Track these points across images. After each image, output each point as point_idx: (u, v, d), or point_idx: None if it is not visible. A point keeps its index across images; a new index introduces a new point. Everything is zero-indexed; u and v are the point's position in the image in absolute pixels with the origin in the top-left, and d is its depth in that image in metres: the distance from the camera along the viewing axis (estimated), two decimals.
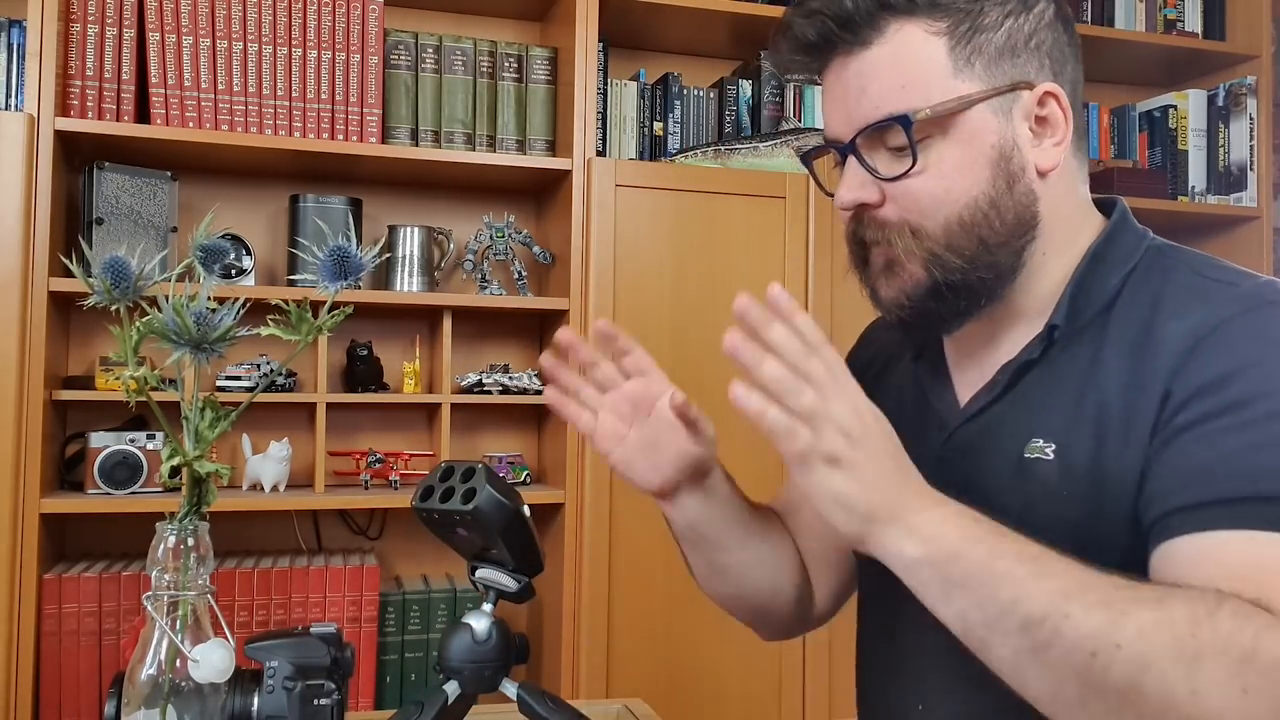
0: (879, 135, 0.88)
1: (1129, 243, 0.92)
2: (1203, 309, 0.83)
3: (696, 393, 2.15)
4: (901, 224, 0.89)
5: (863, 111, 0.88)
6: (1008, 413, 0.92)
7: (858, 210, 0.91)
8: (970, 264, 0.88)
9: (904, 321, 0.92)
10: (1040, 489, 0.86)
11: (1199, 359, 0.80)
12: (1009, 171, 0.89)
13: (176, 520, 0.84)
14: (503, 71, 2.23)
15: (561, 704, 0.84)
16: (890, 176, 0.88)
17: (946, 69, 0.87)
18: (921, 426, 0.99)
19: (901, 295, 0.90)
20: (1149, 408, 0.82)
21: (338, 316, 0.86)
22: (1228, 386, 0.78)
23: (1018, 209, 0.89)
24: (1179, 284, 0.87)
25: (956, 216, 0.88)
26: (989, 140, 0.88)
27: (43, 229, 1.87)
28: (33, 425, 1.85)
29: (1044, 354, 0.90)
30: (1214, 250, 2.78)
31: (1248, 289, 0.83)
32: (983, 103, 0.88)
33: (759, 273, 2.18)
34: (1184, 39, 2.68)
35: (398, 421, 2.32)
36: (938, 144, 0.87)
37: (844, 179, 0.91)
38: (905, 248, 0.89)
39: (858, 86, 0.89)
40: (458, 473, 0.82)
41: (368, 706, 2.05)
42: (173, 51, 2.00)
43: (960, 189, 0.88)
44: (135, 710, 0.83)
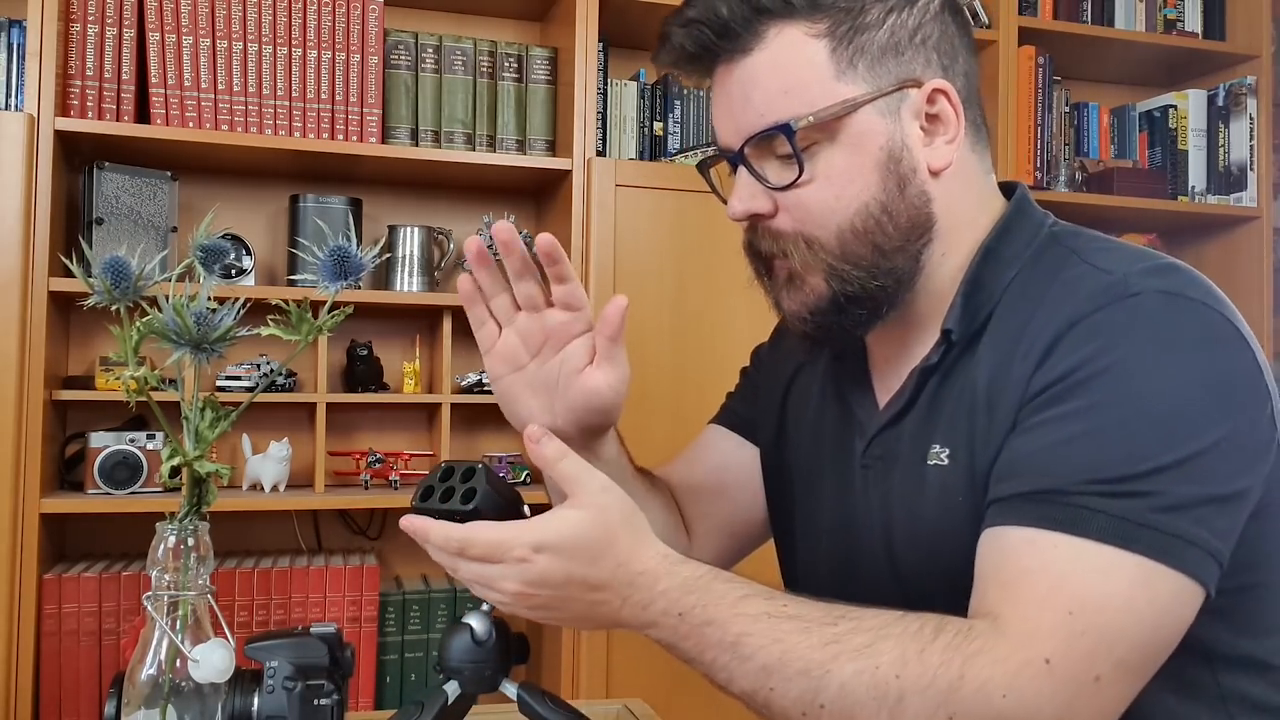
0: (767, 144, 0.86)
1: (1024, 234, 0.90)
2: (1068, 305, 0.81)
3: (696, 392, 2.17)
4: (795, 235, 0.87)
5: (748, 120, 0.86)
6: (915, 421, 0.90)
7: (752, 220, 0.90)
8: (868, 273, 0.86)
9: (807, 335, 0.92)
10: (944, 496, 0.85)
11: (1054, 355, 0.79)
12: (899, 174, 0.86)
13: (176, 520, 0.84)
14: (503, 71, 2.23)
15: (562, 704, 0.84)
16: (779, 186, 0.87)
17: (829, 72, 0.85)
18: (844, 432, 0.99)
19: (803, 309, 0.90)
20: (1010, 407, 0.81)
21: (338, 316, 0.86)
22: (1066, 379, 0.78)
23: (911, 212, 0.87)
24: (1066, 277, 0.84)
25: (849, 224, 0.85)
26: (877, 143, 0.85)
27: (43, 229, 1.87)
28: (33, 425, 1.85)
29: (943, 359, 0.88)
30: (1214, 250, 2.80)
31: (1115, 279, 0.80)
32: (868, 105, 0.85)
33: None
34: (1184, 39, 2.68)
35: (398, 421, 2.32)
36: (825, 150, 0.85)
37: (735, 189, 0.89)
38: (802, 260, 0.87)
39: (741, 95, 0.87)
40: (457, 473, 0.82)
41: (368, 706, 2.05)
42: (173, 51, 2.00)
43: (850, 195, 0.85)
44: (135, 710, 0.83)
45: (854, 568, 0.95)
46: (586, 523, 0.76)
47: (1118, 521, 0.72)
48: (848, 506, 0.96)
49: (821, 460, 1.01)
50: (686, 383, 2.13)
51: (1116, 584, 0.71)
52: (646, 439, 2.09)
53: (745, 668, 0.75)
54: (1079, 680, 0.70)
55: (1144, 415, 0.75)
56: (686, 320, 2.15)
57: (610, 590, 0.77)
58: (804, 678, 0.72)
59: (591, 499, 0.77)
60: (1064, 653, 0.70)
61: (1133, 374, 0.76)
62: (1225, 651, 0.82)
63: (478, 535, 0.76)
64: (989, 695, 0.69)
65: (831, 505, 0.99)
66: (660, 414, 2.11)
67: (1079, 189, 2.62)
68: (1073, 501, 0.74)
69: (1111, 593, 0.71)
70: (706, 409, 1.25)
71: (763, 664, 0.74)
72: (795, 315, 0.91)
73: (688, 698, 2.05)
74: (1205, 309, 0.79)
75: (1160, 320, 0.78)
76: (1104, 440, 0.75)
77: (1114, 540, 0.72)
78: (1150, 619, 0.72)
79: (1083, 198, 2.55)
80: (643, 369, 2.12)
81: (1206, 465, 0.74)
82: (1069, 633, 0.70)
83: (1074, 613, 0.71)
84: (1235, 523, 0.76)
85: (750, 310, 2.15)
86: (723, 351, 2.15)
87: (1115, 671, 0.71)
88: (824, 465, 1.01)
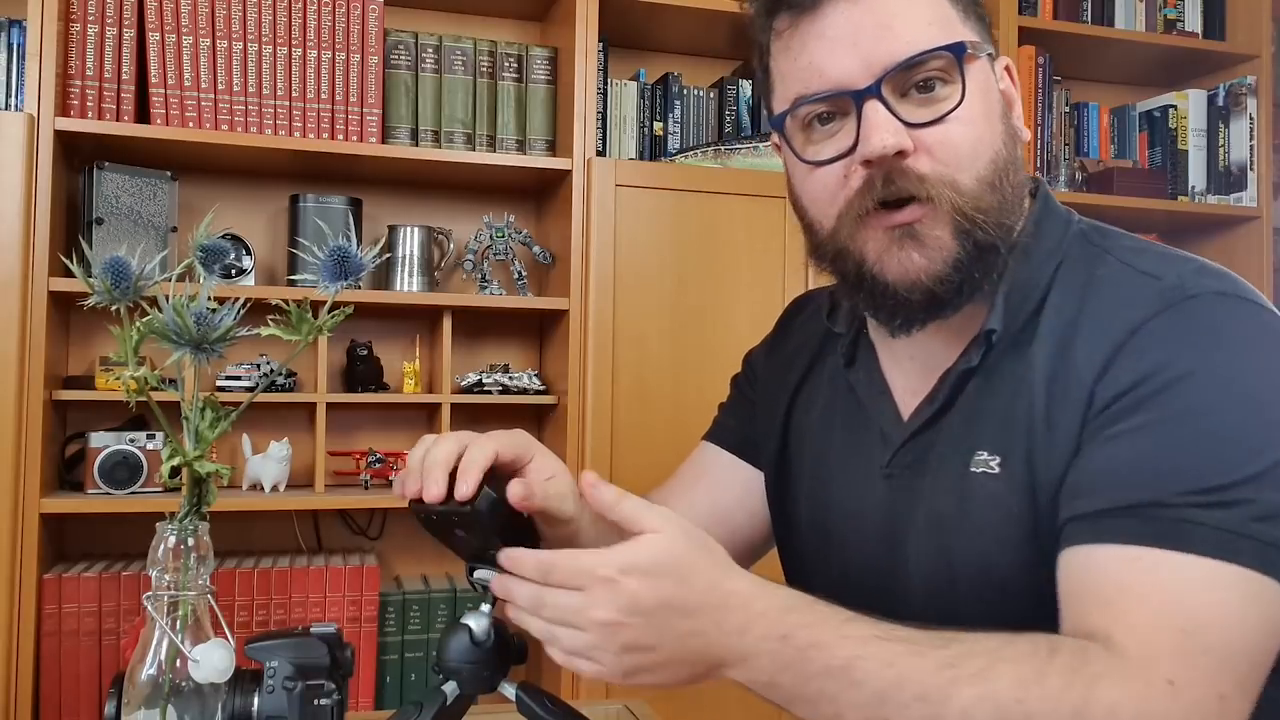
0: (905, 78, 0.81)
1: (1055, 231, 0.88)
2: (1125, 310, 0.79)
3: (696, 392, 2.17)
4: (937, 179, 0.80)
5: (888, 49, 0.80)
6: (951, 425, 0.87)
7: (881, 165, 0.81)
8: (996, 224, 0.82)
9: (907, 303, 0.83)
10: (990, 505, 0.82)
11: (1117, 364, 0.77)
12: (1011, 130, 0.85)
13: (176, 520, 0.84)
14: (503, 71, 2.23)
15: (560, 704, 0.84)
16: (924, 121, 0.80)
17: (955, 15, 0.83)
18: (860, 439, 0.95)
19: (921, 271, 0.81)
20: (1073, 417, 0.78)
21: (338, 316, 0.86)
22: (1137, 390, 0.75)
23: (1019, 172, 0.85)
24: (1106, 277, 0.83)
25: (985, 171, 0.82)
26: (995, 94, 0.84)
27: (43, 229, 1.87)
28: (33, 425, 1.85)
29: (983, 360, 0.85)
30: (1214, 250, 2.80)
31: (1170, 282, 0.79)
32: (986, 55, 0.84)
33: (759, 273, 2.18)
34: (1184, 39, 2.68)
35: (398, 421, 2.32)
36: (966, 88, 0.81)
37: (875, 124, 0.80)
38: (950, 203, 0.80)
39: (876, 24, 0.80)
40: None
41: (368, 706, 2.05)
42: (173, 51, 2.00)
43: (986, 141, 0.82)
44: (135, 710, 0.83)
45: (878, 578, 0.92)
46: (669, 542, 0.72)
47: (1220, 533, 0.70)
48: (868, 516, 0.92)
49: (831, 470, 0.97)
50: (686, 383, 2.13)
51: (1228, 599, 0.70)
52: (646, 439, 2.10)
53: (857, 695, 0.69)
54: (1204, 701, 0.68)
55: (1227, 422, 0.73)
56: (686, 320, 2.15)
57: (704, 615, 0.71)
58: (922, 704, 0.68)
59: (664, 523, 0.73)
60: (1186, 674, 0.68)
61: (1207, 381, 0.74)
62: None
63: (560, 558, 0.72)
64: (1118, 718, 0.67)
65: (848, 515, 0.95)
66: (660, 414, 2.11)
67: (1079, 189, 2.62)
68: (1170, 515, 0.71)
69: (1225, 609, 0.69)
70: (706, 409, 1.25)
71: (876, 690, 0.69)
72: (913, 277, 0.82)
73: (688, 698, 2.04)
74: (1262, 310, 0.79)
75: (1223, 324, 0.77)
76: (1192, 450, 0.73)
77: (1218, 553, 0.70)
78: (1263, 633, 0.70)
79: (1083, 198, 2.55)
80: (643, 369, 2.12)
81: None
82: (1188, 652, 0.68)
83: (1189, 632, 0.69)
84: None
85: (750, 310, 2.17)
86: (723, 351, 2.15)
87: (1237, 689, 0.69)
88: (835, 474, 0.97)
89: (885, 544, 0.91)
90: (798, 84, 0.84)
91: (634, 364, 2.11)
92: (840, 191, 0.84)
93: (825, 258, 0.88)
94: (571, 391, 2.10)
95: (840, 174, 0.83)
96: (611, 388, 2.09)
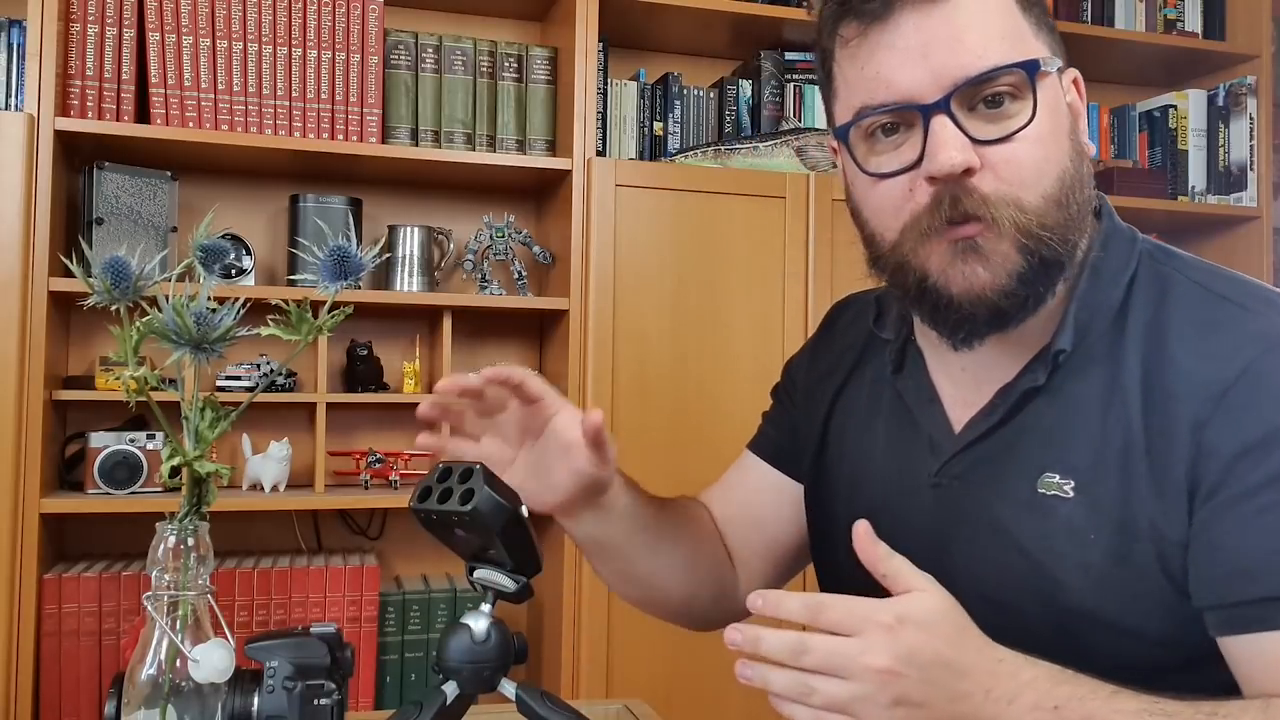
0: (975, 92, 0.79)
1: (1122, 250, 0.87)
2: (1221, 344, 0.77)
3: (696, 392, 2.16)
4: (999, 198, 0.79)
5: (959, 63, 0.78)
6: (1015, 442, 0.85)
7: (947, 182, 0.79)
8: (1061, 240, 0.80)
9: (971, 316, 0.82)
10: (1062, 528, 0.81)
11: (1232, 414, 0.75)
12: (1079, 147, 0.83)
13: (176, 520, 0.84)
14: (503, 71, 2.23)
15: (560, 704, 0.84)
16: (991, 139, 0.78)
17: (1027, 28, 0.81)
18: (907, 447, 0.94)
19: (985, 285, 0.80)
20: (1180, 458, 0.77)
21: (338, 316, 0.86)
22: (1272, 452, 0.74)
23: (1087, 189, 0.83)
24: (1184, 300, 0.82)
25: (1051, 190, 0.80)
26: (1063, 111, 0.83)
27: (43, 229, 1.87)
28: (33, 425, 1.85)
29: (1049, 379, 0.84)
30: (1214, 250, 2.80)
31: (1261, 324, 0.78)
32: (1059, 71, 0.83)
33: (759, 273, 2.18)
34: (1184, 39, 2.68)
35: (398, 421, 2.32)
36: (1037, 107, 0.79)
37: (943, 140, 0.78)
38: (1013, 222, 0.78)
39: (948, 36, 0.79)
40: (455, 473, 0.82)
41: (368, 706, 2.05)
42: (173, 51, 2.00)
43: (1054, 159, 0.81)
44: (135, 710, 0.83)
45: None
46: (942, 601, 0.71)
47: None
48: (913, 524, 0.91)
49: (873, 476, 0.97)
50: (686, 382, 2.12)
51: None
52: (647, 439, 2.10)
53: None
54: None
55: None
56: (686, 320, 2.15)
57: (974, 679, 0.69)
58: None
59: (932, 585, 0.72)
60: None
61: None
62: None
63: (833, 599, 0.70)
64: None
65: (890, 522, 0.92)
66: (660, 414, 2.11)
67: None
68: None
69: None
70: (706, 408, 1.25)
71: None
72: (977, 291, 0.80)
73: (688, 698, 2.05)
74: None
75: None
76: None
77: None
78: None
79: None
80: (643, 369, 2.12)
81: None
82: None
83: None
84: None
85: (750, 310, 2.17)
86: (723, 351, 2.15)
87: None
88: (876, 481, 0.96)
89: (930, 553, 0.89)
90: (863, 93, 0.83)
91: (634, 364, 2.11)
92: (905, 205, 0.82)
93: (885, 269, 0.86)
94: (571, 391, 2.10)
95: (905, 187, 0.82)
96: (611, 388, 2.09)
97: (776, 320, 2.17)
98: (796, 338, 2.13)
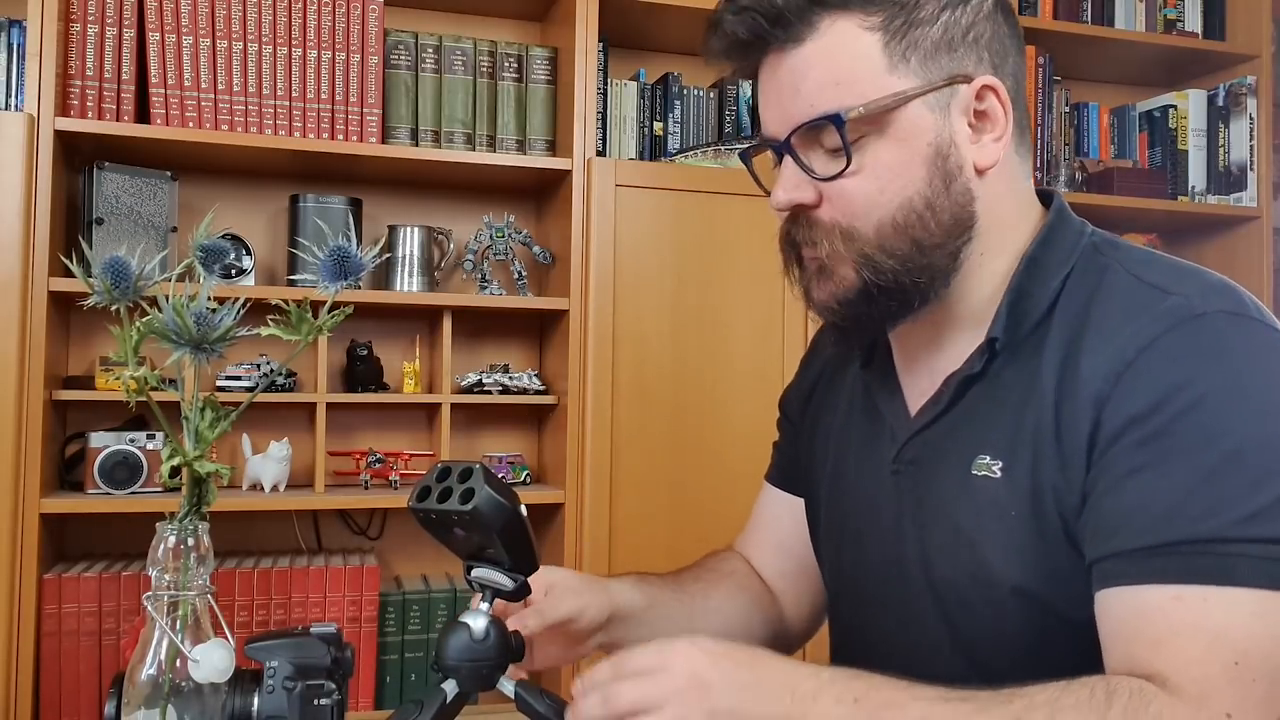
0: (814, 134, 0.86)
1: (1066, 243, 0.89)
2: (1131, 324, 0.80)
3: (696, 392, 2.16)
4: (833, 226, 0.87)
5: (797, 110, 0.86)
6: (955, 427, 0.89)
7: (793, 211, 0.89)
8: (903, 265, 0.86)
9: (835, 325, 0.92)
10: (990, 507, 0.85)
11: (1126, 385, 0.78)
12: (946, 170, 0.85)
13: (176, 520, 0.84)
14: (503, 71, 2.23)
15: (559, 701, 0.84)
16: (824, 177, 0.86)
17: (881, 65, 0.84)
18: (872, 435, 0.98)
19: (832, 299, 0.89)
20: (1081, 431, 0.80)
21: (338, 316, 0.86)
22: (1155, 417, 0.76)
23: (954, 209, 0.86)
24: (1113, 289, 0.84)
25: (890, 218, 0.85)
26: (925, 139, 0.85)
27: (43, 229, 1.87)
28: (33, 425, 1.85)
29: (986, 367, 0.88)
30: (1214, 250, 2.80)
31: (1175, 301, 0.80)
32: (918, 99, 0.84)
33: (759, 272, 2.18)
34: (1184, 39, 2.68)
35: (398, 421, 2.32)
36: (873, 143, 0.84)
37: (780, 179, 0.89)
38: (832, 250, 0.87)
39: (790, 84, 0.86)
40: (455, 473, 0.82)
41: (368, 706, 2.05)
42: (173, 51, 2.00)
43: (895, 189, 0.85)
44: (135, 710, 0.83)
45: (885, 570, 0.95)
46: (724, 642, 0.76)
47: (1262, 563, 0.71)
48: (878, 511, 0.96)
49: (849, 467, 1.01)
50: (686, 383, 2.12)
51: (1274, 627, 0.71)
52: (647, 439, 2.11)
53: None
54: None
55: (1248, 445, 0.74)
56: (686, 320, 2.15)
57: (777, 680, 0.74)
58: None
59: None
60: (1241, 704, 0.70)
61: (1221, 403, 0.75)
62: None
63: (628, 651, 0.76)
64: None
65: (860, 509, 0.98)
66: (660, 414, 2.11)
67: (1079, 189, 2.62)
68: (1212, 550, 0.72)
69: (1272, 636, 0.71)
70: (706, 409, 1.25)
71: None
72: (824, 304, 0.90)
73: None
74: (1268, 328, 0.80)
75: (1230, 343, 0.78)
76: (1220, 479, 0.74)
77: (1263, 583, 0.71)
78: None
79: (1083, 198, 2.55)
80: (642, 369, 2.12)
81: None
82: (1241, 683, 0.70)
83: (1240, 662, 0.70)
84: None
85: (750, 310, 2.17)
86: (723, 351, 2.15)
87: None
88: (851, 471, 1.00)
89: (892, 537, 0.94)
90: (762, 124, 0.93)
91: (634, 364, 2.11)
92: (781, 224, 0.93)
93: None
94: (571, 391, 2.10)
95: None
96: (611, 388, 2.09)
97: (776, 320, 2.17)
98: (796, 338, 2.13)
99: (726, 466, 2.10)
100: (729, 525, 1.26)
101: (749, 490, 1.22)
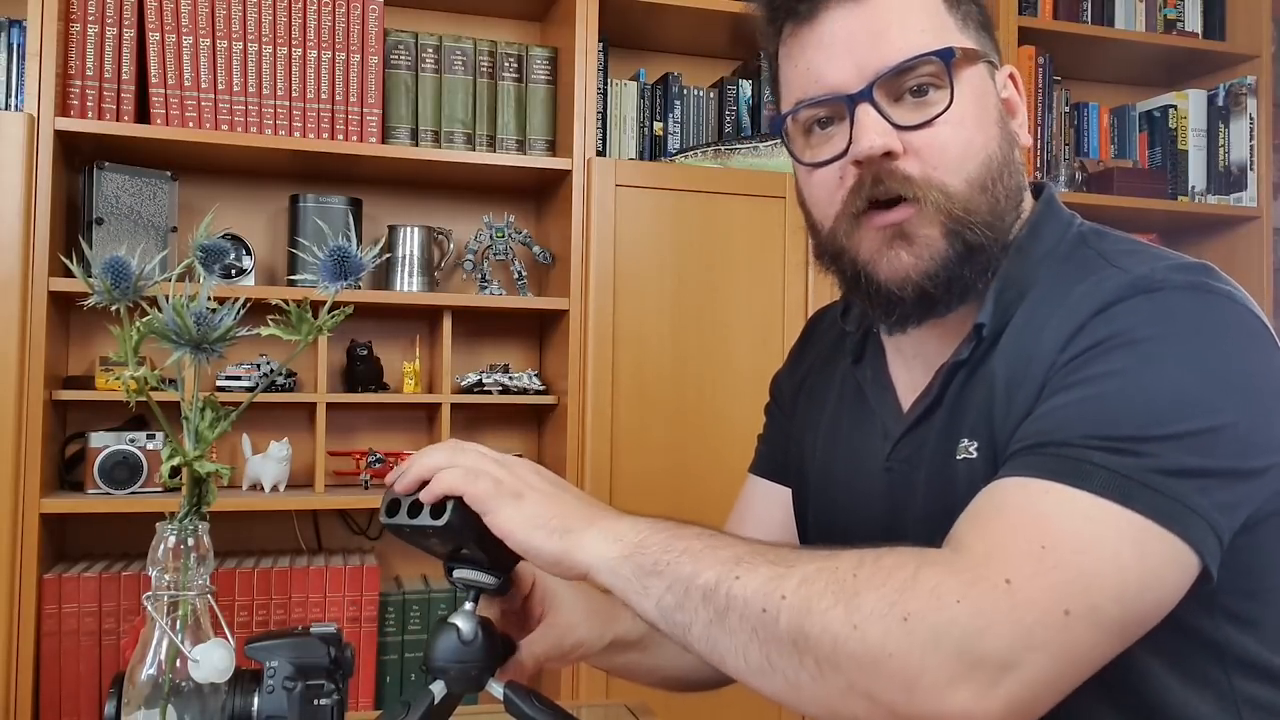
0: (895, 82, 0.84)
1: (1052, 233, 0.89)
2: (1089, 296, 0.79)
3: (695, 392, 2.16)
4: (926, 179, 0.83)
5: (881, 55, 0.84)
6: (944, 417, 0.89)
7: (870, 165, 0.84)
8: (987, 228, 0.84)
9: (900, 301, 0.86)
10: (971, 490, 0.82)
11: (1075, 342, 0.78)
12: (1008, 134, 0.87)
13: (176, 520, 0.84)
14: (503, 71, 2.23)
15: (549, 703, 0.83)
16: (914, 124, 0.83)
17: (952, 24, 0.86)
18: (865, 434, 0.97)
19: (917, 265, 0.84)
20: (1031, 390, 0.80)
21: (338, 316, 0.86)
22: (1090, 351, 0.77)
23: (1016, 176, 0.87)
24: (1082, 269, 0.84)
25: (976, 174, 0.84)
26: (993, 100, 0.87)
27: (43, 229, 1.87)
28: (33, 425, 1.85)
29: (972, 354, 0.87)
30: (1214, 250, 2.80)
31: (1138, 274, 0.79)
32: (985, 63, 0.87)
33: (759, 272, 2.18)
34: (1184, 39, 2.68)
35: (398, 421, 2.32)
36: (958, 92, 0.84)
37: (863, 127, 0.83)
38: (936, 204, 0.83)
39: (870, 32, 0.84)
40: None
41: (368, 706, 2.05)
42: (173, 51, 2.00)
43: (980, 143, 0.85)
44: (135, 710, 0.83)
45: None
46: None
47: (1117, 478, 0.70)
48: (873, 510, 0.94)
49: (838, 466, 1.00)
50: (686, 383, 2.12)
51: (1103, 532, 0.69)
52: (646, 439, 2.11)
53: (716, 555, 0.73)
54: (1042, 608, 0.66)
55: (1163, 383, 0.73)
56: (686, 320, 2.15)
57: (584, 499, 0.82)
58: (770, 567, 0.71)
59: None
60: (1028, 579, 0.67)
61: (1156, 346, 0.75)
62: (1239, 655, 0.80)
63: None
64: (942, 598, 0.66)
65: (853, 508, 0.97)
66: (660, 414, 2.11)
67: (1079, 189, 2.62)
68: (1072, 454, 0.72)
69: (1096, 539, 0.69)
70: (706, 409, 1.25)
71: (735, 555, 0.73)
72: (902, 275, 0.85)
73: (687, 698, 2.04)
74: (1233, 303, 0.79)
75: (1185, 310, 0.77)
76: (1115, 403, 0.73)
77: (1111, 495, 0.70)
78: (1136, 576, 0.69)
79: (1083, 198, 2.55)
80: (642, 369, 2.12)
81: (1217, 442, 0.72)
82: (1038, 563, 0.68)
83: (1047, 547, 0.68)
84: (1238, 500, 0.73)
85: (750, 310, 2.17)
86: (722, 351, 2.15)
87: (1089, 615, 0.67)
88: (841, 470, 0.99)
89: (886, 538, 0.92)
90: (798, 89, 0.88)
91: (634, 364, 2.11)
92: (837, 193, 0.87)
93: (826, 256, 0.91)
94: (571, 391, 2.10)
95: (836, 175, 0.87)
96: (611, 388, 2.09)
97: (776, 320, 2.17)
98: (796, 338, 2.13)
99: (726, 466, 2.09)
100: (729, 525, 1.25)
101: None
